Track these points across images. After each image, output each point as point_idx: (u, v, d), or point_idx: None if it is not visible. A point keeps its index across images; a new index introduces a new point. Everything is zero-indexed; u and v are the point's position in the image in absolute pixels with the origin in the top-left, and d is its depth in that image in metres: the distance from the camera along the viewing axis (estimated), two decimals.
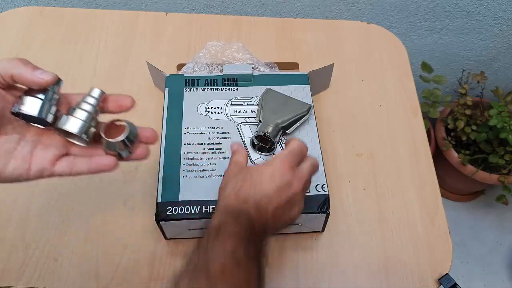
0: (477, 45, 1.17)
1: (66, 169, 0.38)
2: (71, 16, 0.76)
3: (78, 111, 0.37)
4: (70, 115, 0.37)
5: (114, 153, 0.38)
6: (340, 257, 0.55)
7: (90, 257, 0.53)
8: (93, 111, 0.37)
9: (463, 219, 1.35)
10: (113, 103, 0.39)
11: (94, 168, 0.38)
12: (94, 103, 0.38)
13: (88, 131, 0.37)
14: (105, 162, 0.38)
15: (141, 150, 0.40)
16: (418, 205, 0.59)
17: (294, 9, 1.02)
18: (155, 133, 0.41)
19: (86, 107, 0.37)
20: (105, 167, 0.38)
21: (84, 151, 0.39)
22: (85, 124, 0.37)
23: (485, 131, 1.09)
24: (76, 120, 0.36)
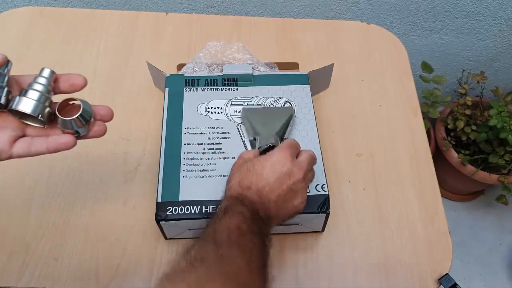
0: (477, 45, 1.17)
1: (24, 149, 0.38)
2: (71, 16, 0.76)
3: (30, 92, 0.37)
4: (23, 96, 0.36)
5: (72, 131, 0.39)
6: (340, 257, 0.55)
7: (90, 257, 0.53)
8: (45, 91, 0.37)
9: (463, 219, 1.35)
10: (65, 83, 0.39)
11: (52, 147, 0.38)
12: (45, 83, 0.37)
13: (43, 112, 0.37)
14: (63, 141, 0.38)
15: (97, 127, 0.40)
16: (418, 205, 0.59)
17: (294, 9, 1.02)
18: (111, 110, 0.41)
19: (38, 87, 0.37)
20: (63, 145, 0.38)
21: (40, 132, 0.39)
22: (39, 104, 0.36)
23: (485, 131, 1.09)
24: (29, 101, 0.36)
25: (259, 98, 0.59)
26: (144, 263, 0.53)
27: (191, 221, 0.49)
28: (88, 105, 0.39)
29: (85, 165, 0.59)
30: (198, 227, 0.51)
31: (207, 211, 0.49)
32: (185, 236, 0.54)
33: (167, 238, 0.54)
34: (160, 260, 0.53)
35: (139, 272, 0.52)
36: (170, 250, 0.54)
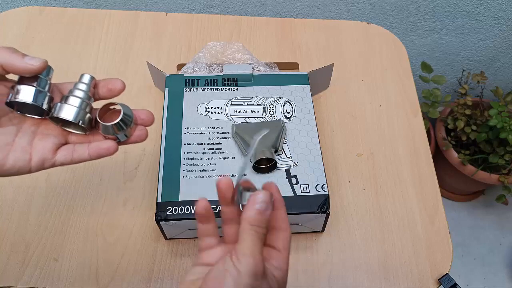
0: (477, 45, 1.17)
1: (67, 157, 0.37)
2: (71, 16, 0.76)
3: (71, 98, 0.36)
4: (64, 103, 0.36)
5: (113, 137, 0.38)
6: (340, 257, 0.55)
7: (90, 257, 0.53)
8: (86, 97, 0.37)
9: (463, 219, 1.35)
10: (103, 88, 0.38)
11: (94, 153, 0.38)
12: (85, 89, 0.37)
13: (84, 118, 0.37)
14: (104, 146, 0.38)
15: (139, 132, 0.40)
16: (418, 205, 0.59)
17: (294, 9, 1.02)
18: (151, 114, 0.40)
19: (79, 93, 0.37)
20: (105, 151, 0.38)
21: (82, 139, 0.39)
22: (80, 111, 0.36)
23: (485, 131, 1.09)
24: (70, 107, 0.36)
25: (259, 98, 0.59)
26: (144, 263, 0.53)
27: (191, 221, 0.49)
28: (128, 110, 0.39)
29: (85, 165, 0.59)
30: None
31: None
32: (185, 236, 0.54)
33: (167, 238, 0.54)
34: (160, 260, 0.53)
35: (139, 272, 0.52)
36: (170, 250, 0.54)
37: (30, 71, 0.34)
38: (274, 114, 0.58)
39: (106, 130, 0.38)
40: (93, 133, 0.39)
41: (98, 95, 0.39)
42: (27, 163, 0.36)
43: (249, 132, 0.54)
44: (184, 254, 0.54)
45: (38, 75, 0.35)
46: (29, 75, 0.34)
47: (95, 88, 0.38)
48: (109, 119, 0.38)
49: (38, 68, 0.34)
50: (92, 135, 0.39)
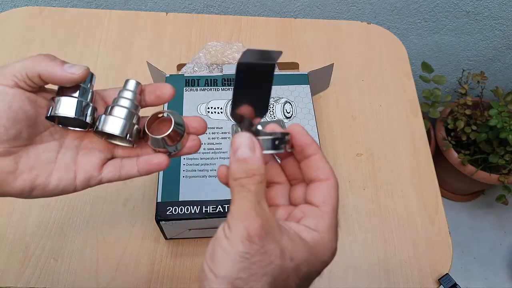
0: (477, 45, 1.17)
1: (114, 173, 0.34)
2: (71, 16, 0.76)
3: (117, 109, 0.32)
4: (109, 115, 0.32)
5: (164, 150, 0.34)
6: (340, 257, 0.55)
7: (90, 257, 0.53)
8: (133, 107, 0.33)
9: (463, 219, 1.35)
10: (151, 94, 0.34)
11: (144, 169, 0.34)
12: (132, 97, 0.33)
13: (131, 131, 0.33)
14: (155, 161, 0.34)
15: (192, 142, 0.35)
16: (418, 205, 0.59)
17: (294, 9, 1.02)
18: (204, 121, 0.35)
19: (125, 102, 0.33)
20: (156, 167, 0.34)
21: (130, 152, 0.35)
22: (127, 123, 0.32)
23: (485, 131, 1.09)
24: (116, 120, 0.32)
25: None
26: (144, 263, 0.53)
27: (191, 221, 0.49)
28: (180, 118, 0.34)
29: None
30: (198, 227, 0.51)
31: (207, 211, 0.49)
32: (185, 236, 0.54)
33: (167, 238, 0.54)
34: (160, 260, 0.53)
35: (139, 272, 0.52)
36: (170, 250, 0.54)
37: (70, 81, 0.31)
38: (274, 114, 0.58)
39: (156, 143, 0.33)
40: (141, 145, 0.35)
41: (145, 102, 0.35)
42: (71, 181, 0.33)
43: None
44: (184, 254, 0.54)
45: (80, 84, 0.32)
46: (70, 85, 0.31)
47: (141, 94, 0.34)
48: (158, 130, 0.34)
49: (79, 77, 0.31)
50: (141, 147, 0.35)
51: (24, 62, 0.30)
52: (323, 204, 0.27)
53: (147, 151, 0.35)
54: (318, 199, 0.28)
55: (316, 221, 0.27)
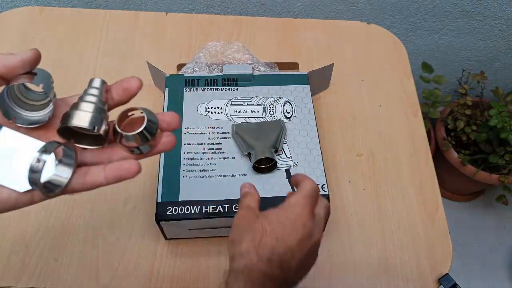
0: (477, 45, 1.17)
1: (78, 181, 0.31)
2: (71, 16, 0.76)
3: (83, 104, 0.30)
4: (75, 110, 0.30)
5: (136, 146, 0.32)
6: (340, 257, 0.55)
7: (90, 257, 0.53)
8: (99, 103, 0.31)
9: (463, 219, 1.35)
10: (118, 89, 0.32)
11: (112, 176, 0.32)
12: (97, 94, 0.31)
13: (101, 125, 0.30)
14: (125, 166, 0.31)
15: (166, 138, 0.33)
16: (418, 205, 0.59)
17: (294, 9, 1.02)
18: (177, 116, 0.33)
19: (91, 98, 0.31)
20: (126, 173, 0.32)
21: (100, 156, 0.32)
22: (95, 116, 0.30)
23: (485, 131, 1.09)
24: (83, 113, 0.29)
25: (259, 98, 0.59)
26: (144, 263, 0.53)
27: (191, 221, 0.49)
28: (152, 115, 0.32)
29: None
30: (198, 227, 0.51)
31: (207, 211, 0.49)
32: (185, 236, 0.54)
33: (167, 238, 0.54)
34: (160, 260, 0.53)
35: (139, 272, 0.52)
36: (170, 250, 0.54)
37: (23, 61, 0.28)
38: (274, 114, 0.58)
39: (129, 141, 0.31)
40: (111, 148, 0.32)
41: (113, 101, 0.32)
42: (29, 194, 0.30)
43: (249, 132, 0.54)
44: (184, 254, 0.54)
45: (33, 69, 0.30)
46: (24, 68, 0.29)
47: (108, 93, 0.32)
48: (129, 128, 0.31)
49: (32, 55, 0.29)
50: (111, 151, 0.32)
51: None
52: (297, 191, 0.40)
53: (118, 154, 0.32)
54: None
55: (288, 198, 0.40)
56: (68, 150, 0.31)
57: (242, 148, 0.53)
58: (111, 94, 0.33)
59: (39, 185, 0.29)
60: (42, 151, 0.28)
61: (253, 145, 0.52)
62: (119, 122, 0.32)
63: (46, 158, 0.28)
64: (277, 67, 0.68)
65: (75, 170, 0.31)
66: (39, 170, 0.28)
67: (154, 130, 0.32)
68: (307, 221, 0.37)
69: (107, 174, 0.31)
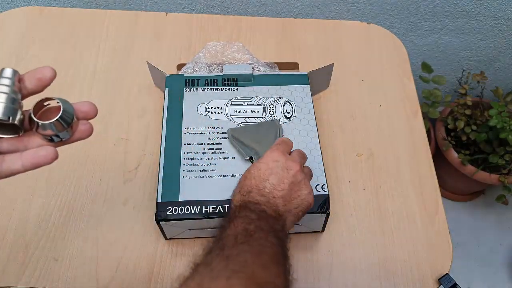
0: (477, 45, 1.17)
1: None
2: (71, 16, 0.76)
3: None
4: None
5: (53, 134, 0.33)
6: (340, 257, 0.55)
7: (90, 257, 0.53)
8: (12, 92, 0.31)
9: (463, 219, 1.35)
10: (32, 79, 0.33)
11: (29, 162, 0.32)
12: (9, 84, 0.31)
13: (15, 115, 0.31)
14: (42, 153, 0.32)
15: (83, 127, 0.35)
16: (418, 205, 0.59)
17: (294, 9, 1.02)
18: (94, 105, 0.35)
19: (3, 89, 0.31)
20: (43, 159, 0.32)
21: (17, 144, 0.33)
22: (8, 106, 0.31)
23: (485, 131, 1.09)
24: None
25: (259, 98, 0.59)
26: (144, 263, 0.53)
27: (191, 221, 0.49)
28: (68, 104, 0.33)
29: (85, 165, 0.59)
30: (198, 227, 0.51)
31: (207, 211, 0.49)
32: (185, 236, 0.54)
33: (167, 238, 0.54)
34: (160, 260, 0.53)
35: (139, 272, 0.52)
36: (170, 250, 0.54)
37: None
38: (274, 114, 0.58)
39: (45, 129, 0.32)
40: (28, 137, 0.33)
41: (26, 90, 0.33)
42: None
43: (248, 135, 0.54)
44: (184, 254, 0.54)
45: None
46: None
47: (21, 82, 0.33)
48: (46, 117, 0.33)
49: None
50: (28, 140, 0.33)
51: None
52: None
53: (35, 143, 0.33)
54: None
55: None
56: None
57: (242, 153, 0.53)
58: (24, 83, 0.33)
59: None
60: None
61: (256, 148, 0.52)
62: (34, 111, 0.33)
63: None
64: (277, 67, 0.68)
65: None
66: None
67: (69, 119, 0.33)
68: (279, 158, 0.44)
69: (23, 161, 0.32)
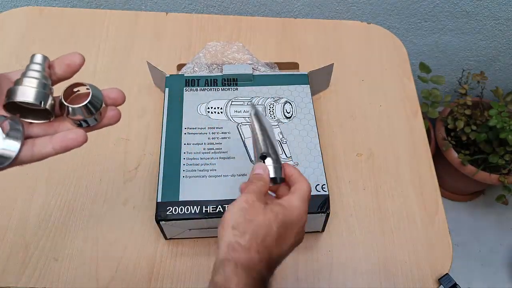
0: (477, 45, 1.17)
1: (25, 153, 0.32)
2: (71, 16, 0.76)
3: (27, 80, 0.31)
4: (19, 86, 0.31)
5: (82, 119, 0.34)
6: (340, 257, 0.55)
7: (90, 257, 0.53)
8: (43, 78, 0.32)
9: (463, 219, 1.35)
10: (61, 65, 0.34)
11: (59, 146, 0.33)
12: (40, 69, 0.32)
13: (46, 99, 0.32)
14: (71, 136, 0.33)
15: (111, 113, 0.35)
16: (418, 205, 0.59)
17: (294, 9, 1.02)
18: (122, 92, 0.36)
19: (34, 74, 0.32)
20: (72, 142, 0.33)
21: (47, 129, 0.34)
22: (40, 91, 0.31)
23: (485, 131, 1.09)
24: (28, 88, 0.31)
25: (259, 98, 0.59)
26: (144, 263, 0.53)
27: (191, 221, 0.49)
28: (97, 90, 0.34)
29: (85, 165, 0.59)
30: (198, 227, 0.51)
31: (207, 211, 0.49)
32: (185, 236, 0.54)
33: (167, 238, 0.54)
34: (160, 260, 0.53)
35: (139, 272, 0.52)
36: (170, 250, 0.54)
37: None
38: (274, 114, 0.58)
39: (75, 113, 0.33)
40: (58, 122, 0.34)
41: (56, 76, 0.34)
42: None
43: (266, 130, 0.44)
44: (184, 254, 0.54)
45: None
46: None
47: (51, 68, 0.34)
48: (75, 103, 0.33)
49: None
50: (58, 125, 0.34)
51: None
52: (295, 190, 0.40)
53: (65, 127, 0.34)
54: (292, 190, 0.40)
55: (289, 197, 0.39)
56: (15, 124, 0.32)
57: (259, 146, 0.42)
58: (54, 70, 0.34)
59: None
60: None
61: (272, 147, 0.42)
62: (65, 96, 0.33)
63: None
64: (277, 67, 0.68)
65: (23, 143, 0.32)
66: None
67: (98, 104, 0.34)
68: (303, 228, 0.39)
69: (54, 144, 0.33)
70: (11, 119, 0.32)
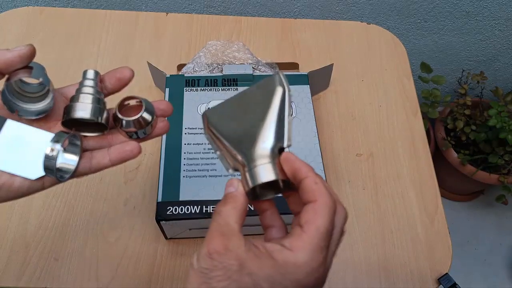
0: (477, 45, 1.17)
1: (84, 165, 0.33)
2: (71, 16, 0.76)
3: (82, 96, 0.33)
4: (75, 103, 0.32)
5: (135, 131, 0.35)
6: (340, 257, 0.55)
7: (90, 257, 0.53)
8: (97, 93, 0.33)
9: (463, 219, 1.35)
10: (112, 79, 0.35)
11: (116, 158, 0.34)
12: (93, 85, 0.34)
13: (102, 114, 0.33)
14: (128, 148, 0.34)
15: (162, 123, 0.36)
16: (418, 205, 0.59)
17: (294, 9, 1.02)
18: (170, 104, 0.37)
19: (88, 90, 0.33)
20: (129, 154, 0.34)
21: (101, 141, 0.35)
22: (96, 106, 0.32)
23: (484, 131, 1.09)
24: (84, 105, 0.32)
25: None
26: (144, 263, 0.53)
27: (191, 221, 0.49)
28: (148, 102, 0.35)
29: None
30: (198, 227, 0.51)
31: (207, 211, 0.49)
32: (185, 236, 0.54)
33: (167, 238, 0.54)
34: (160, 260, 0.53)
35: (139, 272, 0.52)
36: (170, 250, 0.54)
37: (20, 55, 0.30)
38: None
39: (129, 126, 0.34)
40: (111, 134, 0.35)
41: (107, 90, 0.35)
42: (40, 181, 0.32)
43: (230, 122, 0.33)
44: (184, 254, 0.54)
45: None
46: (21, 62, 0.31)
47: (102, 83, 0.35)
48: (128, 116, 0.34)
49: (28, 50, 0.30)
50: (111, 137, 0.35)
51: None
52: (305, 224, 0.26)
53: (118, 139, 0.35)
54: (302, 219, 0.27)
55: (293, 240, 0.26)
56: (74, 139, 0.33)
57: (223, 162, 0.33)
58: (105, 84, 0.35)
59: (54, 172, 0.31)
60: (54, 141, 0.31)
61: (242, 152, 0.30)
62: (119, 109, 0.35)
63: (59, 147, 0.31)
64: (277, 67, 0.68)
65: (81, 156, 0.34)
66: (54, 158, 0.31)
67: (151, 116, 0.35)
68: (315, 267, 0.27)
69: (111, 156, 0.34)
70: (71, 134, 0.33)
